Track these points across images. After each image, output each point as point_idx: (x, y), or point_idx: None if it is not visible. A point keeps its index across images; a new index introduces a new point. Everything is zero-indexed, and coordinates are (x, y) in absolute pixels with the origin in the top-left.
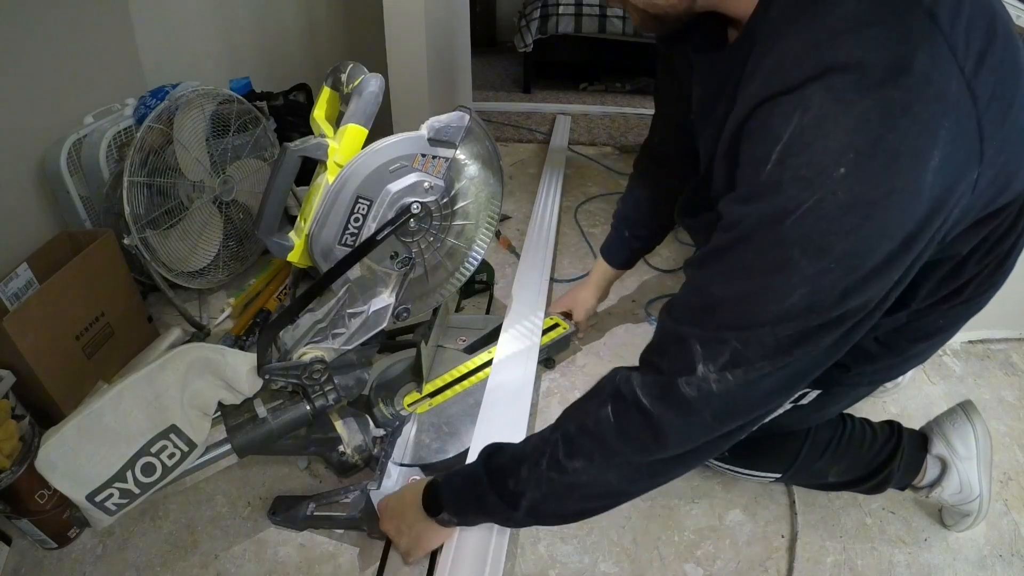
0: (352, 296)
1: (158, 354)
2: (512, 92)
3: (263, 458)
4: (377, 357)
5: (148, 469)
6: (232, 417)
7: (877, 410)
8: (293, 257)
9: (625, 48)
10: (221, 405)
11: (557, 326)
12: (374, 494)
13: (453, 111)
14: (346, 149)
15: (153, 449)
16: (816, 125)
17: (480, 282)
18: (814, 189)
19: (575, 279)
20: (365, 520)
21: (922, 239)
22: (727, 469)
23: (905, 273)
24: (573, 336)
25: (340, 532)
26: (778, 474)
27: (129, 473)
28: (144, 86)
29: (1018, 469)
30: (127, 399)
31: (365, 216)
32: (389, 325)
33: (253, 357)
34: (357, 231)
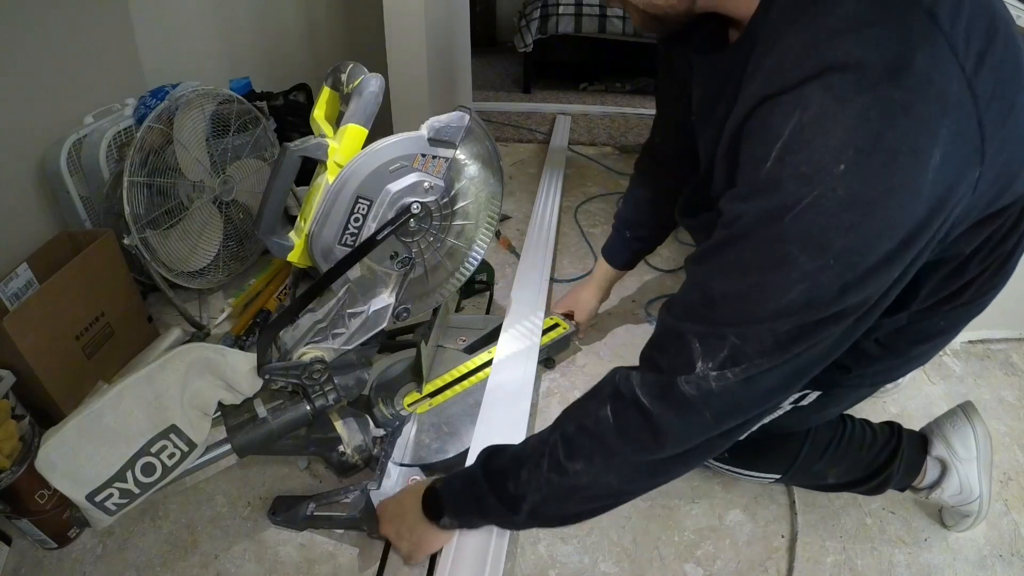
0: (352, 296)
1: (158, 354)
2: (512, 92)
3: (263, 458)
4: (377, 357)
5: (148, 469)
6: (232, 417)
7: (877, 410)
8: (293, 257)
9: (625, 48)
10: (221, 405)
11: (557, 326)
12: (374, 494)
13: (453, 111)
14: (346, 149)
15: (153, 449)
16: (816, 123)
17: (480, 282)
18: (814, 186)
19: (575, 279)
20: (365, 520)
21: (922, 238)
22: (727, 470)
23: (905, 272)
24: (573, 336)
25: (340, 532)
26: (777, 475)
27: (129, 473)
28: (144, 86)
29: (1018, 469)
30: (127, 399)
31: (365, 216)
32: (389, 325)
33: (253, 357)
34: (357, 231)
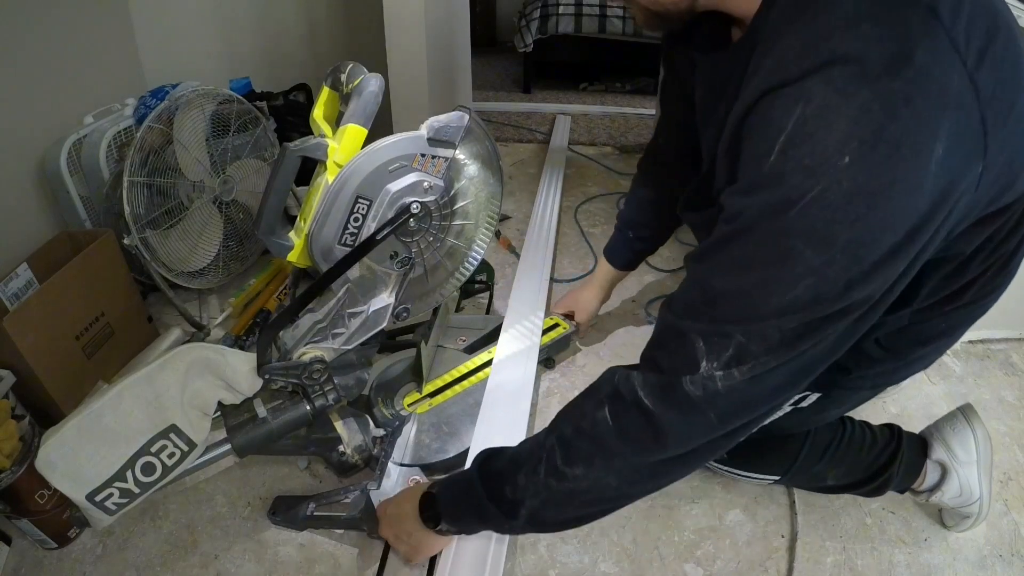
0: (352, 296)
1: (158, 354)
2: (512, 92)
3: (263, 458)
4: (377, 357)
5: (148, 469)
6: (232, 417)
7: (877, 410)
8: (293, 257)
9: (625, 48)
10: (221, 405)
11: (557, 326)
12: (374, 494)
13: (452, 111)
14: (346, 149)
15: (153, 449)
16: (819, 116)
17: (480, 282)
18: (818, 178)
19: (575, 279)
20: (365, 520)
21: (926, 231)
22: (726, 471)
23: (910, 266)
24: (573, 336)
25: (340, 532)
26: (777, 476)
27: (129, 473)
28: (144, 86)
29: (1018, 469)
30: (127, 399)
31: (365, 216)
32: (389, 325)
33: (253, 357)
34: (357, 231)
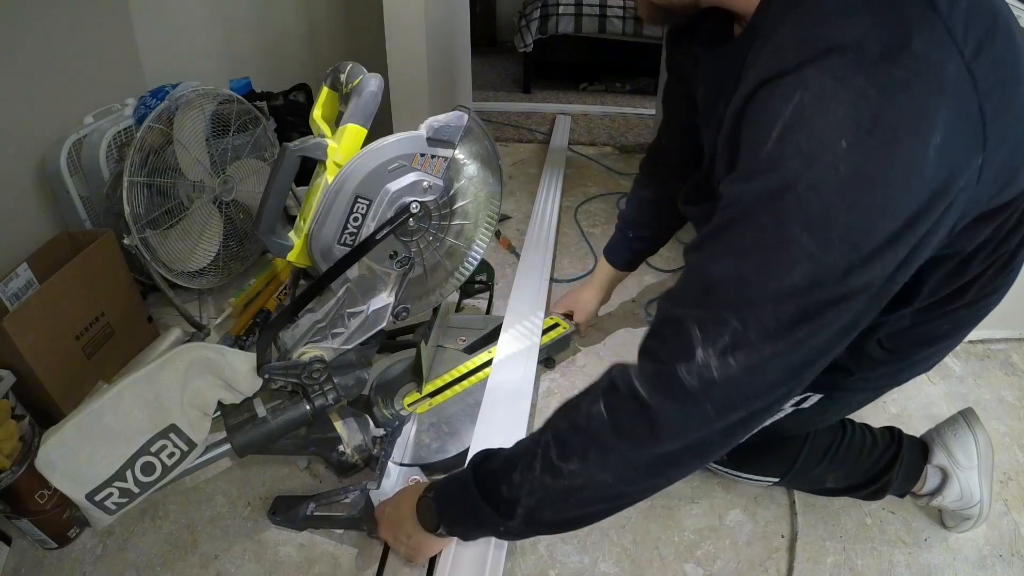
0: (351, 296)
1: (158, 354)
2: (512, 92)
3: (263, 458)
4: (377, 357)
5: (148, 468)
6: (232, 416)
7: (877, 410)
8: (292, 256)
9: (625, 48)
10: (221, 405)
11: (557, 326)
12: (374, 494)
13: (452, 111)
14: (345, 149)
15: (153, 448)
16: (817, 102)
17: (480, 282)
18: (815, 163)
19: (575, 279)
20: (365, 520)
21: (926, 220)
22: (725, 472)
23: (911, 256)
24: (573, 336)
25: (340, 532)
26: (776, 478)
27: (129, 472)
28: (144, 86)
29: (1018, 469)
30: (127, 398)
31: (364, 215)
32: (388, 325)
33: (253, 357)
34: (356, 230)
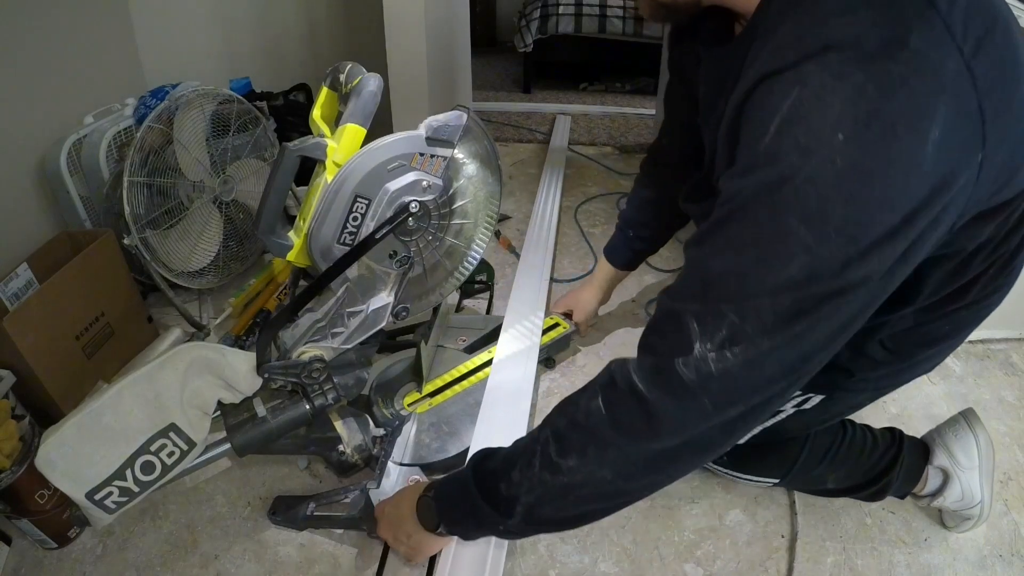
0: (351, 295)
1: (158, 354)
2: (512, 92)
3: (263, 458)
4: (377, 357)
5: (148, 467)
6: (232, 416)
7: (877, 410)
8: (292, 256)
9: (625, 48)
10: (221, 404)
11: (557, 325)
12: (374, 494)
13: (451, 110)
14: (345, 148)
15: (153, 448)
16: (815, 97)
17: (480, 282)
18: (812, 156)
19: (575, 279)
20: (365, 520)
21: (925, 216)
22: (725, 473)
23: (911, 253)
24: (573, 336)
25: (340, 532)
26: (776, 479)
27: (129, 471)
28: (144, 86)
29: (1018, 469)
30: (127, 398)
31: (364, 215)
32: (388, 324)
33: (253, 356)
34: (356, 230)
